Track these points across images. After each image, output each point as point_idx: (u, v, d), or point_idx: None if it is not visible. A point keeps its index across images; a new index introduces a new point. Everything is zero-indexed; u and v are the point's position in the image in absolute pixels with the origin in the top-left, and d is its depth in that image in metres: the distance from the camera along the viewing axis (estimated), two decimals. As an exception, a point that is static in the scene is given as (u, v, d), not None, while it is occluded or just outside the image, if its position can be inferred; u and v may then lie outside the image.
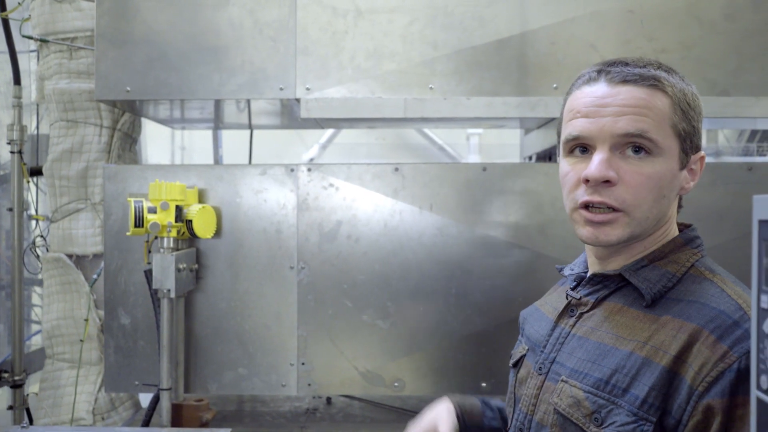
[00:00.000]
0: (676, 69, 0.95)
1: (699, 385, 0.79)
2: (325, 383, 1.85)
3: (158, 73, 1.78)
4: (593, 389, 0.88)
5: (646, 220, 0.91)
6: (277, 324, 1.85)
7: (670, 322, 0.85)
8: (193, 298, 1.86)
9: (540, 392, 0.97)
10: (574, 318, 0.98)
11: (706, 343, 0.80)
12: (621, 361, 0.87)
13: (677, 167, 0.91)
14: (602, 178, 0.88)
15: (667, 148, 0.90)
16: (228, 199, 1.85)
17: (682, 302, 0.87)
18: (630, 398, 0.84)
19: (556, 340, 0.99)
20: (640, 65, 0.92)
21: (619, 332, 0.90)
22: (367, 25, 1.77)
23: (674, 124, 0.90)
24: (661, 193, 0.90)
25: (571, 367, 0.93)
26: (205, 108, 1.98)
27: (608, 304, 0.94)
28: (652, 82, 0.90)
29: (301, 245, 1.84)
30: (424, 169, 1.85)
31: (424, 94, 1.77)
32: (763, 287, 0.61)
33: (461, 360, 1.83)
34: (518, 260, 1.81)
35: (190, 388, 1.86)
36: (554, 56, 1.75)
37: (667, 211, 0.94)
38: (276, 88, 1.78)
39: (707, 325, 0.82)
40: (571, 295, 0.99)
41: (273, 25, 1.78)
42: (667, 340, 0.84)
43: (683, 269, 0.91)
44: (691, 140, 0.92)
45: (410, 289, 1.83)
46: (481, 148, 4.08)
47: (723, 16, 1.73)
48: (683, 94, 0.91)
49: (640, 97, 0.89)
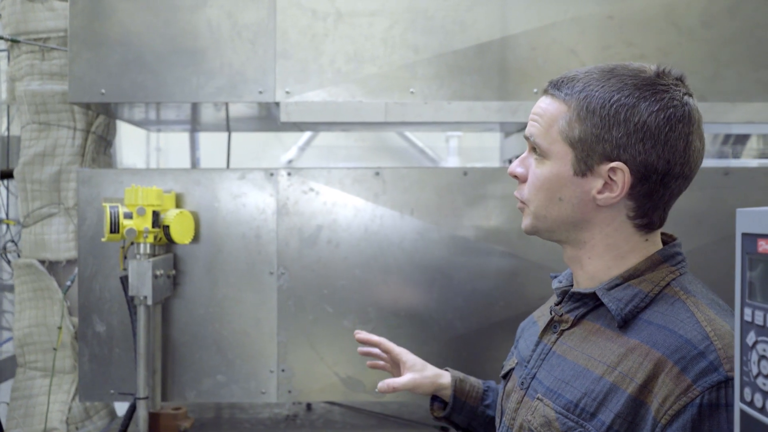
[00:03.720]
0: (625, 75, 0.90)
1: (662, 418, 0.79)
2: (306, 390, 1.83)
3: (134, 75, 1.75)
4: (564, 410, 0.89)
5: (544, 218, 0.95)
6: (257, 330, 1.83)
7: (638, 347, 0.85)
8: (171, 305, 1.82)
9: (519, 407, 0.99)
10: (556, 335, 0.99)
11: (670, 375, 0.80)
12: (591, 384, 0.87)
13: (569, 173, 0.91)
14: (510, 174, 1.00)
15: (554, 153, 0.92)
16: (206, 204, 1.82)
17: (652, 325, 0.86)
18: (597, 423, 0.85)
19: (539, 356, 1.00)
20: (568, 77, 0.93)
21: (593, 354, 0.90)
22: (348, 28, 1.76)
23: (563, 131, 0.91)
24: (553, 194, 0.93)
25: (548, 385, 0.94)
26: (182, 110, 1.95)
27: (587, 323, 0.95)
28: (554, 92, 0.93)
29: (280, 250, 1.82)
30: (405, 173, 1.84)
31: (404, 98, 1.76)
32: (746, 300, 0.61)
33: (442, 364, 1.81)
34: (499, 265, 1.81)
35: (168, 396, 1.83)
36: (534, 61, 1.76)
37: (579, 216, 0.92)
38: (255, 92, 1.76)
39: (672, 355, 0.81)
40: (554, 311, 1.01)
41: (252, 28, 1.75)
42: (634, 367, 0.84)
43: (657, 289, 0.89)
44: (591, 148, 0.89)
45: (391, 294, 1.82)
46: (460, 150, 4.09)
47: (700, 23, 1.75)
48: (587, 101, 0.89)
49: (542, 105, 0.95)
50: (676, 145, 0.88)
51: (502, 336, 1.81)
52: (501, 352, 1.82)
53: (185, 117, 2.11)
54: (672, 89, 0.88)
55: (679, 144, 0.88)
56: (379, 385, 1.23)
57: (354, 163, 4.14)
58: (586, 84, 0.90)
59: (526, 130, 0.98)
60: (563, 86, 0.92)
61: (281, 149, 4.16)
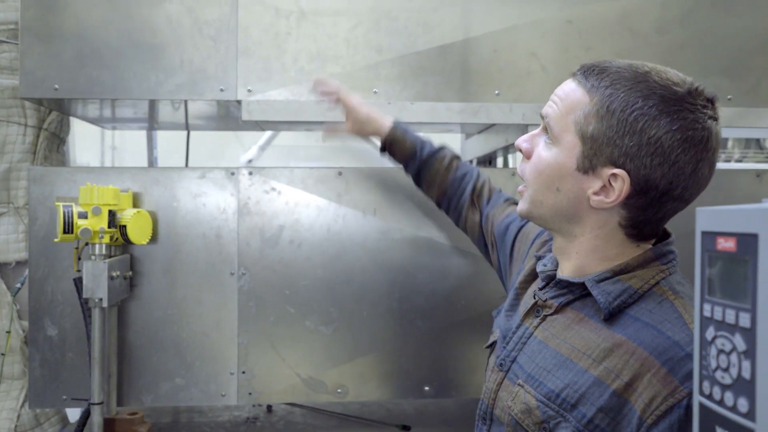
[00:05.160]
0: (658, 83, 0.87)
1: (648, 417, 0.80)
2: (267, 391, 1.81)
3: (90, 70, 1.70)
4: (545, 399, 0.90)
5: (540, 203, 0.95)
6: (217, 332, 1.80)
7: (624, 344, 0.85)
8: (127, 307, 1.78)
9: (499, 389, 1.00)
10: (539, 319, 0.99)
11: (658, 376, 0.81)
12: (574, 376, 0.88)
13: (572, 166, 0.90)
14: (516, 146, 0.99)
15: (563, 141, 0.91)
16: (165, 204, 1.78)
17: (639, 322, 0.86)
18: (577, 414, 0.86)
19: (519, 339, 1.01)
20: (598, 67, 0.91)
21: (576, 344, 0.91)
22: (311, 27, 1.75)
23: (578, 122, 0.89)
24: (550, 183, 0.93)
25: (529, 372, 0.95)
26: (140, 108, 1.90)
27: (571, 312, 0.95)
28: (581, 80, 0.91)
29: (241, 251, 1.80)
30: (368, 173, 1.84)
31: (368, 98, 1.76)
32: (706, 296, 0.63)
33: (404, 364, 1.83)
34: (461, 264, 1.83)
35: (124, 401, 1.78)
36: (496, 63, 1.78)
37: (572, 211, 0.92)
38: (216, 89, 1.73)
39: (660, 356, 0.81)
40: (538, 296, 1.00)
41: (213, 25, 1.72)
42: (620, 364, 0.84)
43: (647, 286, 0.89)
44: (599, 148, 0.87)
45: (354, 294, 1.82)
46: (420, 151, 4.10)
47: (654, 29, 1.80)
48: (610, 100, 0.86)
49: (565, 89, 0.93)
50: (684, 168, 0.86)
51: (463, 335, 1.83)
52: (462, 352, 1.84)
53: (143, 114, 2.06)
54: (698, 111, 0.85)
55: (687, 168, 0.86)
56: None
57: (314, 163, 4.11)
58: (615, 81, 0.87)
59: (544, 108, 0.96)
60: (591, 75, 0.90)
61: (241, 149, 4.10)
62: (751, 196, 1.86)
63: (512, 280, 1.19)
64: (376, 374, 1.83)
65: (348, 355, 1.82)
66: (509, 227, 1.27)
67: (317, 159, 4.06)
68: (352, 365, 1.82)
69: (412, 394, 1.84)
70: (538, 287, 1.02)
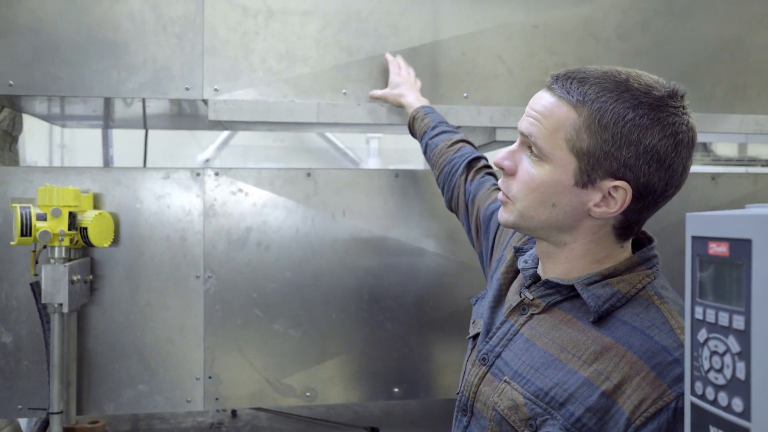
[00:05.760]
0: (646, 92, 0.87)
1: (637, 419, 0.82)
2: (234, 396, 1.78)
3: (47, 66, 1.63)
4: (533, 397, 0.91)
5: (531, 218, 0.95)
6: (182, 336, 1.75)
7: (614, 347, 0.87)
8: (87, 312, 1.71)
9: (481, 383, 1.00)
10: (525, 317, 0.99)
11: (647, 380, 0.83)
12: (564, 376, 0.89)
13: (570, 182, 0.90)
14: (497, 164, 0.98)
15: (555, 158, 0.90)
16: (127, 205, 1.73)
17: (627, 326, 0.89)
18: (565, 413, 0.87)
19: (504, 335, 1.01)
20: (577, 78, 0.90)
21: (565, 345, 0.92)
22: (279, 26, 1.73)
23: (570, 139, 0.88)
24: (545, 199, 0.92)
25: (515, 369, 0.95)
26: (100, 106, 1.84)
27: (558, 312, 0.96)
28: (563, 94, 0.89)
29: (207, 253, 1.76)
30: (337, 175, 1.83)
31: (337, 99, 1.75)
32: (697, 299, 0.65)
33: (373, 366, 1.83)
34: (429, 266, 1.84)
35: (84, 409, 1.72)
36: (464, 66, 1.80)
37: (568, 223, 0.93)
38: (181, 88, 1.69)
39: (649, 360, 0.84)
40: (524, 294, 1.01)
41: (178, 22, 1.68)
42: (610, 366, 0.86)
43: (634, 291, 0.92)
44: (597, 162, 0.88)
45: (322, 296, 1.80)
46: (381, 152, 4.11)
47: (616, 35, 1.85)
48: (600, 114, 0.86)
49: (545, 105, 0.91)
50: (677, 168, 0.89)
51: (432, 336, 1.84)
52: (431, 353, 1.85)
53: (102, 112, 1.99)
54: (680, 112, 0.88)
55: (679, 168, 0.89)
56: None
57: (272, 164, 4.07)
58: (599, 93, 0.87)
59: (523, 126, 0.94)
60: (572, 89, 0.88)
61: (198, 148, 4.01)
62: (708, 199, 1.93)
63: (492, 268, 1.19)
64: (345, 377, 1.82)
65: (317, 358, 1.80)
66: (494, 214, 1.26)
67: (275, 159, 4.02)
68: (320, 368, 1.81)
69: (381, 395, 1.84)
70: (524, 285, 1.02)
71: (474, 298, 1.19)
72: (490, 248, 1.25)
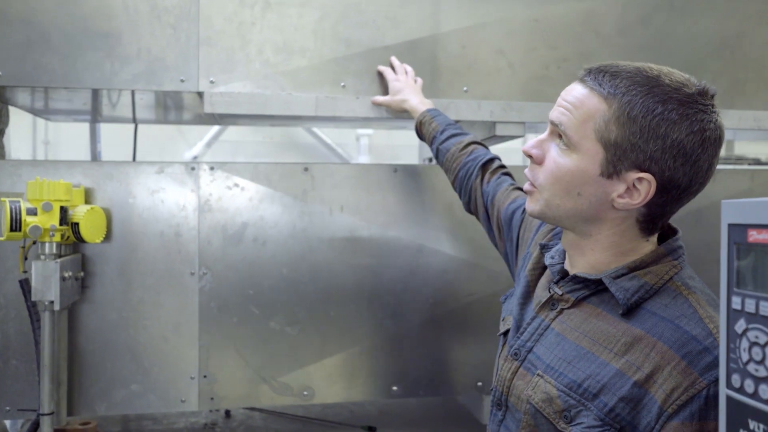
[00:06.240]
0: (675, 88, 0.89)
1: (669, 407, 0.84)
2: (230, 396, 1.74)
3: (38, 57, 1.58)
4: (566, 389, 0.93)
5: (557, 206, 0.96)
6: (176, 335, 1.71)
7: (644, 338, 0.89)
8: (78, 310, 1.66)
9: (514, 377, 1.02)
10: (555, 312, 1.01)
11: (678, 368, 0.85)
12: (596, 368, 0.91)
13: (596, 172, 0.92)
14: (525, 152, 1.00)
15: (583, 148, 0.92)
16: (119, 200, 1.68)
17: (656, 316, 0.90)
18: (599, 404, 0.89)
19: (535, 330, 1.03)
20: (609, 72, 0.92)
21: (596, 338, 0.94)
22: (276, 18, 1.69)
23: (598, 130, 0.91)
24: (571, 188, 0.94)
25: (548, 363, 0.98)
26: (92, 98, 1.79)
27: (588, 306, 0.98)
28: (595, 86, 0.92)
29: (202, 249, 1.72)
30: (335, 170, 1.80)
31: (336, 93, 1.72)
32: (734, 289, 0.63)
33: (372, 364, 1.80)
34: (429, 262, 1.81)
35: (75, 410, 1.67)
36: (464, 60, 1.77)
37: (593, 213, 0.94)
38: (176, 80, 1.64)
39: (679, 350, 0.86)
40: (553, 290, 1.03)
41: (173, 12, 1.64)
42: (641, 357, 0.88)
43: (661, 282, 0.93)
44: (624, 154, 0.90)
45: (320, 293, 1.77)
46: (371, 148, 4.08)
47: (616, 30, 1.84)
48: (630, 107, 0.89)
49: (577, 96, 0.93)
50: (702, 165, 0.91)
51: (431, 334, 1.82)
52: (431, 351, 1.82)
53: (90, 106, 1.94)
54: (709, 110, 0.90)
55: (705, 164, 0.91)
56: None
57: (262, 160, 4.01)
58: (630, 86, 0.89)
59: (554, 115, 0.96)
60: (605, 82, 0.91)
61: (185, 145, 3.94)
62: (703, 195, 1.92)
63: (519, 266, 1.21)
64: (343, 375, 1.79)
65: (314, 357, 1.77)
66: (515, 213, 1.29)
67: (264, 155, 3.96)
68: (318, 366, 1.77)
69: (380, 394, 1.81)
70: (553, 281, 1.04)
71: (503, 297, 1.21)
72: (514, 247, 1.28)
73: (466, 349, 1.83)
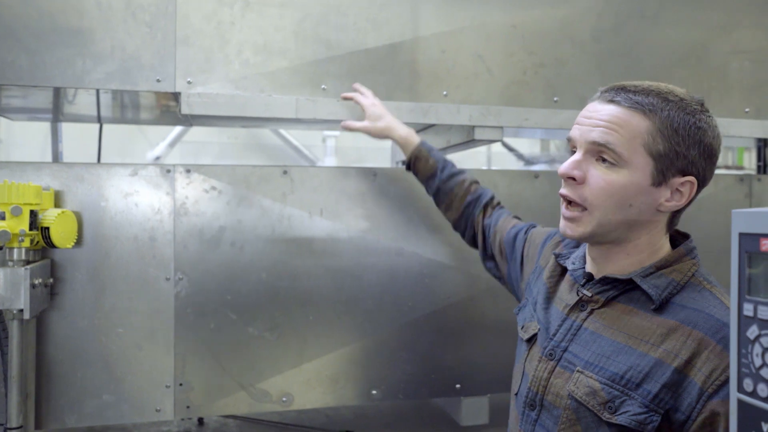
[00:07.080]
0: (688, 98, 1.03)
1: (709, 387, 0.91)
2: (207, 404, 1.70)
3: (4, 53, 1.51)
4: (609, 381, 0.99)
5: (609, 222, 1.04)
6: (151, 342, 1.66)
7: (679, 328, 0.97)
8: (47, 318, 1.60)
9: (551, 376, 1.08)
10: (586, 313, 1.09)
11: (715, 352, 0.93)
12: (636, 360, 0.98)
13: (647, 183, 1.01)
14: (565, 174, 1.06)
15: (634, 162, 1.01)
16: (91, 203, 1.62)
17: (687, 309, 0.99)
18: (642, 392, 0.96)
19: (567, 331, 1.10)
20: (636, 91, 1.02)
21: (632, 332, 1.01)
22: (256, 17, 1.66)
23: (647, 144, 1.00)
24: (624, 201, 1.02)
25: (586, 359, 1.04)
26: (63, 97, 1.72)
27: (618, 305, 1.06)
28: (633, 105, 1.01)
29: (178, 254, 1.67)
30: (314, 173, 1.78)
31: (316, 95, 1.70)
32: (745, 296, 0.65)
33: (352, 369, 1.79)
34: (408, 266, 1.81)
35: (43, 422, 1.60)
36: (444, 64, 1.78)
37: (641, 220, 1.04)
38: (152, 80, 1.60)
39: (714, 335, 0.94)
40: (582, 292, 1.10)
41: (149, 9, 1.59)
42: (678, 345, 0.96)
43: (686, 278, 1.03)
44: (671, 162, 1.01)
45: (299, 297, 1.75)
46: (337, 150, 4.05)
47: (591, 37, 1.88)
48: (670, 121, 1.00)
49: (616, 116, 1.02)
50: (716, 163, 1.06)
51: (411, 337, 1.82)
52: (411, 353, 1.82)
53: (56, 104, 1.87)
54: (712, 116, 1.05)
55: (716, 162, 1.06)
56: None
57: (227, 162, 3.94)
58: (662, 103, 1.01)
59: (594, 135, 1.02)
60: (639, 100, 1.00)
61: (147, 145, 3.83)
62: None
63: (528, 280, 1.32)
64: (322, 380, 1.77)
65: (293, 362, 1.75)
66: (517, 236, 1.43)
67: (230, 157, 3.89)
68: (297, 372, 1.75)
69: (360, 398, 1.80)
70: (580, 284, 1.12)
71: (516, 308, 1.29)
72: (518, 264, 1.39)
73: (445, 352, 1.84)
